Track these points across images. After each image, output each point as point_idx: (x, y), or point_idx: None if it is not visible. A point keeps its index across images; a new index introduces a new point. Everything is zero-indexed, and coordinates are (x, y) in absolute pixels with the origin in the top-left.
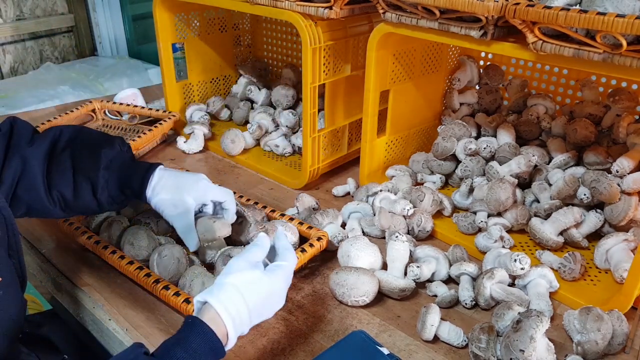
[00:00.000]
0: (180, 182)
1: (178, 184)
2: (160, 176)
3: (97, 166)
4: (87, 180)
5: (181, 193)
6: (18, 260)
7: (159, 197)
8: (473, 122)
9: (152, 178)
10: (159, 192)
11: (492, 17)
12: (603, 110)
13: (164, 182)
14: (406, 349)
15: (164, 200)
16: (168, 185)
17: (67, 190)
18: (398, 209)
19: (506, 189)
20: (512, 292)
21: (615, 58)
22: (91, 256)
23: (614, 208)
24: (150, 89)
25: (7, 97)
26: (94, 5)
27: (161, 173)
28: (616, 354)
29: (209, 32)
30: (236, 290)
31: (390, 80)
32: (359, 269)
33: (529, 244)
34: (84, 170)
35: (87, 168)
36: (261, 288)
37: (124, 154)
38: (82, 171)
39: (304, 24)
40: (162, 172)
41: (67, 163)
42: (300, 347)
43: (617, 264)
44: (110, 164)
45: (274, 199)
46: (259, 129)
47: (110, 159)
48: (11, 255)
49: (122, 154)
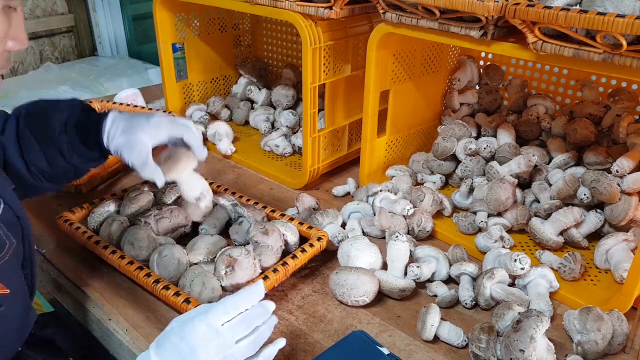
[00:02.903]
0: (133, 122)
1: (131, 125)
2: (112, 120)
3: (54, 132)
4: (53, 148)
5: (135, 133)
6: (31, 270)
7: (114, 141)
8: (473, 122)
9: (105, 125)
10: (114, 136)
11: (492, 17)
12: (603, 110)
13: (116, 126)
14: (406, 349)
15: (120, 143)
16: (121, 128)
17: (42, 163)
18: (398, 209)
19: (506, 189)
20: (512, 292)
21: (615, 58)
22: (91, 256)
23: (614, 208)
24: (150, 89)
25: (7, 97)
26: (94, 5)
27: (113, 117)
28: (616, 354)
29: (209, 32)
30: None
31: (390, 80)
32: (359, 269)
33: (529, 244)
34: (46, 140)
35: (47, 137)
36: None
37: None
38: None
39: (304, 24)
40: (115, 115)
41: (32, 138)
42: (300, 347)
43: (617, 264)
44: (65, 127)
45: (274, 199)
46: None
47: (63, 121)
48: (24, 266)
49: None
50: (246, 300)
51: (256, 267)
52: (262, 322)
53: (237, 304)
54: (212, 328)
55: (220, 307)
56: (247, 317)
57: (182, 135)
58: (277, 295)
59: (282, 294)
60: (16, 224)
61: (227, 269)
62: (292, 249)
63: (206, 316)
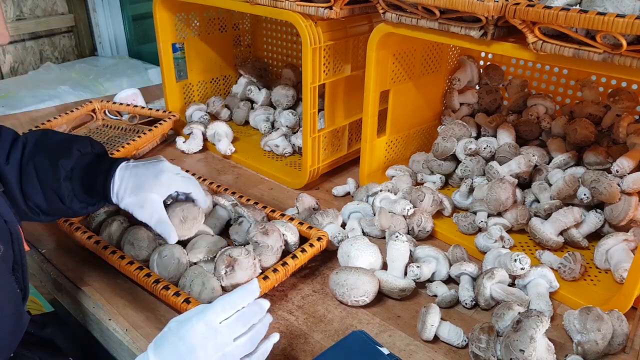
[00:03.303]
0: (141, 181)
1: (139, 184)
2: (120, 178)
3: (58, 178)
4: (53, 191)
5: (144, 192)
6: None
7: (124, 201)
8: (473, 122)
9: (114, 183)
10: (123, 196)
11: (492, 17)
12: (603, 110)
13: (125, 185)
14: (406, 349)
15: (130, 203)
16: (130, 187)
17: (40, 200)
18: (398, 209)
19: (506, 189)
20: (512, 292)
21: (615, 58)
22: (91, 256)
23: (614, 208)
24: (150, 89)
25: (7, 97)
26: (94, 5)
27: (121, 175)
28: (616, 354)
29: (209, 32)
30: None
31: (390, 80)
32: (359, 269)
33: (529, 244)
34: (47, 182)
35: (49, 180)
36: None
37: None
38: (46, 182)
39: (304, 24)
40: (122, 173)
41: (33, 174)
42: (300, 347)
43: (617, 264)
44: (70, 174)
45: (274, 199)
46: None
47: (69, 169)
48: (15, 269)
49: (81, 160)
50: (243, 298)
51: (256, 267)
52: (258, 319)
53: (234, 302)
54: (211, 327)
55: (218, 305)
56: (243, 315)
57: (190, 192)
58: (277, 295)
59: (282, 294)
60: (4, 229)
61: (227, 269)
62: (292, 249)
63: (204, 315)
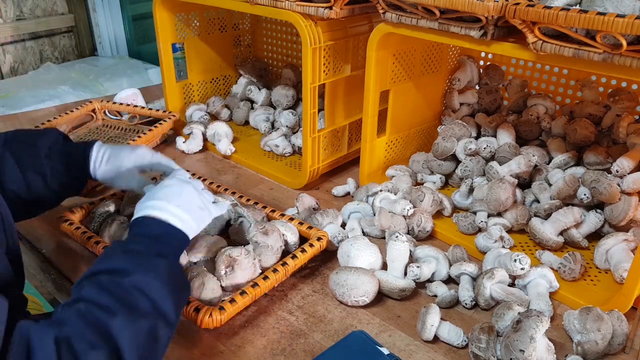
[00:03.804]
0: (118, 151)
1: (116, 154)
2: (98, 150)
3: (38, 154)
4: (35, 172)
5: (120, 160)
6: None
7: (101, 169)
8: (473, 122)
9: (92, 154)
10: (100, 165)
11: (492, 17)
12: (603, 110)
13: (102, 155)
14: (406, 349)
15: (106, 170)
16: (107, 157)
17: (19, 186)
18: (398, 209)
19: (506, 189)
20: (512, 292)
21: (615, 58)
22: (91, 256)
23: (614, 208)
24: (150, 89)
25: (7, 97)
26: (94, 5)
27: (99, 147)
28: (616, 354)
29: (209, 32)
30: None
31: (390, 80)
32: (359, 269)
33: (529, 244)
34: (28, 165)
35: (30, 159)
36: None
37: (59, 139)
38: (27, 166)
39: (304, 24)
40: (100, 146)
41: (11, 161)
42: (300, 347)
43: (617, 264)
44: (49, 151)
45: (274, 199)
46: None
47: (48, 146)
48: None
49: (58, 140)
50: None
51: (256, 267)
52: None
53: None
54: (183, 179)
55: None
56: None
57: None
58: (277, 295)
59: (282, 294)
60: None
61: (227, 269)
62: (292, 249)
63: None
